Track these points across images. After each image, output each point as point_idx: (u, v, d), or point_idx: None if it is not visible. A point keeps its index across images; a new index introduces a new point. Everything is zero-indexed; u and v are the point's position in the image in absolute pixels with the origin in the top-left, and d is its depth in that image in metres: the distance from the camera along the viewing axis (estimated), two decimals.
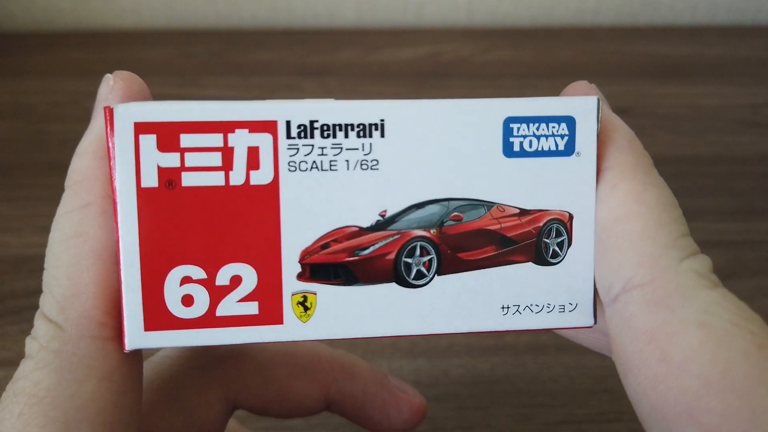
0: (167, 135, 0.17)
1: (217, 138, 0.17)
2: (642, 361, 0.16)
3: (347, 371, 0.24)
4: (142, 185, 0.17)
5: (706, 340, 0.15)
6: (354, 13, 0.57)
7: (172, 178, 0.17)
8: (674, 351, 0.15)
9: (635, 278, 0.16)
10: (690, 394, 0.15)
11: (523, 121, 0.18)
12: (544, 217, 0.18)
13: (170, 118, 0.17)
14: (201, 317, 0.17)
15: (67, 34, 0.56)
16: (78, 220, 0.17)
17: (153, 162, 0.17)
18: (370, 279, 0.18)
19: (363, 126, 0.17)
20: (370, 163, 0.17)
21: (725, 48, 0.55)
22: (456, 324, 0.18)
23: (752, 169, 0.47)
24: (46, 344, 0.17)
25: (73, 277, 0.17)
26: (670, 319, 0.16)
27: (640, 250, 0.17)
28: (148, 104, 0.17)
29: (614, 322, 0.17)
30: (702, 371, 0.15)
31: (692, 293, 0.16)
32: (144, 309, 0.17)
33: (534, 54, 0.54)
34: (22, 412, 0.16)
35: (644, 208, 0.17)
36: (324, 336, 0.18)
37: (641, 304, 0.16)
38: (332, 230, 0.18)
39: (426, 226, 0.18)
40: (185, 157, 0.17)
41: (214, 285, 0.17)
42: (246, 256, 0.17)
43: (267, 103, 0.17)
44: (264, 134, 0.17)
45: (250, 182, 0.17)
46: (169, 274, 0.17)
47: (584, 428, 0.34)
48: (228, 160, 0.17)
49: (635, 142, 0.18)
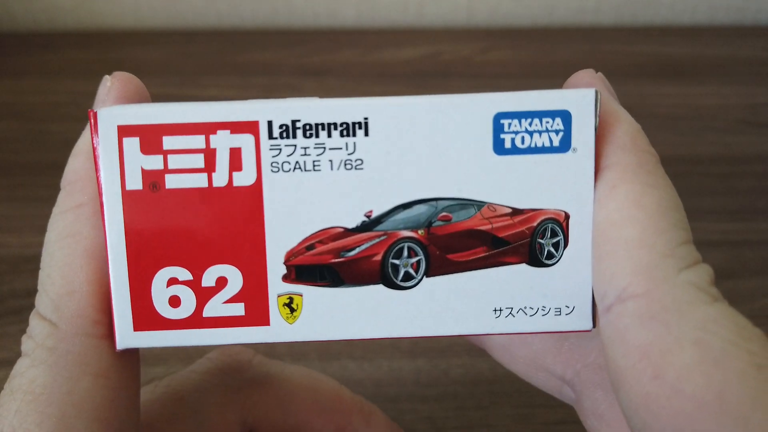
0: (150, 137, 0.17)
1: (199, 140, 0.17)
2: (634, 378, 0.15)
3: (365, 417, 0.24)
4: (127, 188, 0.17)
5: (702, 360, 0.14)
6: (354, 13, 0.57)
7: (156, 180, 0.17)
8: (668, 369, 0.15)
9: (630, 288, 0.16)
10: (683, 417, 0.14)
11: (514, 116, 0.17)
12: (538, 217, 0.18)
13: (152, 120, 0.17)
14: (188, 318, 0.17)
15: (67, 34, 0.56)
16: (72, 220, 0.17)
17: (137, 164, 0.17)
18: (357, 281, 0.18)
19: (346, 125, 0.17)
20: (354, 162, 0.17)
21: (725, 48, 0.55)
22: (446, 327, 0.18)
23: (752, 169, 0.47)
24: (41, 342, 0.17)
25: (67, 276, 0.17)
26: (665, 335, 0.15)
27: (637, 259, 0.16)
28: (131, 107, 0.17)
29: (607, 333, 0.16)
30: (696, 392, 0.14)
31: (688, 308, 0.15)
32: (133, 309, 0.17)
33: (534, 54, 0.54)
34: (19, 409, 0.16)
35: (643, 214, 0.16)
36: (310, 338, 0.18)
37: (635, 317, 0.15)
38: (317, 231, 0.17)
39: (413, 226, 0.18)
40: (168, 159, 0.17)
41: (200, 286, 0.17)
42: (231, 258, 0.17)
43: (248, 103, 0.17)
44: (246, 135, 0.17)
45: (233, 184, 0.17)
46: (156, 275, 0.17)
47: (584, 428, 0.34)
48: (210, 161, 0.17)
49: (640, 137, 0.17)
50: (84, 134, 0.18)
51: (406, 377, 0.36)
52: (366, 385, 0.36)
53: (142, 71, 0.19)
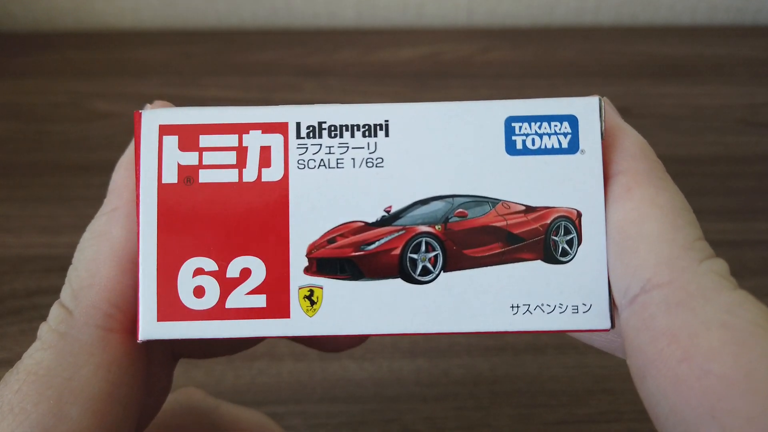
0: (188, 136, 0.18)
1: (232, 138, 0.18)
2: (662, 362, 0.16)
3: None
4: (163, 181, 0.18)
5: (729, 341, 0.15)
6: (354, 13, 0.57)
7: (191, 174, 0.18)
8: (696, 351, 0.15)
9: (654, 279, 0.16)
10: (712, 396, 0.15)
11: (524, 120, 0.18)
12: (552, 214, 0.18)
13: (191, 120, 0.18)
14: (211, 309, 0.18)
15: (67, 34, 0.56)
16: (104, 222, 0.18)
17: (174, 160, 0.18)
18: (376, 274, 0.18)
19: (368, 126, 0.18)
20: (375, 161, 0.18)
21: (725, 48, 0.55)
22: (464, 323, 0.18)
23: (752, 169, 0.47)
24: (54, 327, 0.18)
25: (90, 270, 0.18)
26: (692, 319, 0.16)
27: (658, 252, 0.16)
28: (172, 109, 0.18)
29: (632, 324, 0.17)
30: (725, 372, 0.15)
31: (713, 294, 0.16)
32: (158, 299, 0.18)
33: (534, 54, 0.54)
34: (20, 388, 0.17)
35: (660, 212, 0.17)
36: (329, 332, 0.18)
37: (661, 305, 0.16)
38: (338, 225, 0.18)
39: (431, 222, 0.18)
40: (203, 156, 0.18)
41: (224, 277, 0.18)
42: (256, 250, 0.18)
43: (279, 108, 0.18)
44: (276, 135, 0.18)
45: (262, 179, 0.18)
46: (184, 265, 0.18)
47: (584, 428, 0.34)
48: (242, 158, 0.18)
49: (648, 149, 0.18)
50: (128, 149, 0.19)
51: (406, 377, 0.36)
52: (366, 385, 0.36)
53: (142, 71, 0.19)
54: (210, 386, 0.36)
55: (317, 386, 0.36)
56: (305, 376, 0.37)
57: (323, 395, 0.36)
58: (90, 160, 0.46)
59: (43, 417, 0.16)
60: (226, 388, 0.36)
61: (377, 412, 0.35)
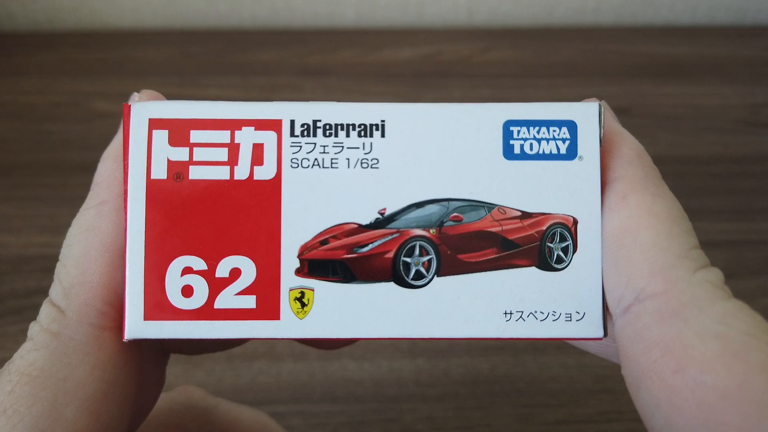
0: (178, 131, 0.18)
1: (224, 135, 0.18)
2: (656, 373, 0.16)
3: None
4: (152, 177, 0.18)
5: (723, 352, 0.15)
6: (354, 13, 0.57)
7: (181, 170, 0.18)
8: (690, 362, 0.15)
9: (648, 288, 0.16)
10: (707, 407, 0.15)
11: (523, 124, 0.18)
12: (547, 221, 0.18)
13: (182, 115, 0.18)
14: (199, 309, 0.18)
15: (67, 34, 0.56)
16: (93, 216, 0.18)
17: (163, 155, 0.18)
18: (369, 277, 0.18)
19: (364, 126, 0.18)
20: (370, 161, 0.18)
21: (725, 48, 0.55)
22: (456, 329, 0.18)
23: (752, 169, 0.47)
24: (46, 326, 0.17)
25: (81, 266, 0.17)
26: (685, 330, 0.15)
27: (653, 261, 0.16)
28: (163, 103, 0.18)
29: (626, 334, 0.17)
30: (719, 383, 0.15)
31: (707, 304, 0.16)
32: (145, 297, 0.17)
33: (534, 54, 0.54)
34: (13, 390, 0.16)
35: (655, 220, 0.17)
36: (319, 334, 0.18)
37: (655, 315, 0.16)
38: (332, 226, 0.18)
39: (425, 225, 0.18)
40: (194, 152, 0.18)
41: (213, 277, 0.18)
42: (246, 249, 0.18)
43: (273, 104, 0.18)
44: (269, 132, 0.18)
45: (254, 177, 0.18)
46: (172, 263, 0.18)
47: (584, 428, 0.34)
48: (234, 155, 0.18)
49: (644, 156, 0.18)
50: (114, 140, 0.18)
51: (406, 377, 0.36)
52: (366, 385, 0.36)
53: (142, 71, 0.19)
54: (210, 386, 0.36)
55: (317, 386, 0.36)
56: (305, 375, 0.37)
57: (323, 395, 0.36)
58: (90, 160, 0.46)
59: (38, 419, 0.16)
60: (226, 388, 0.36)
61: (377, 412, 0.35)
